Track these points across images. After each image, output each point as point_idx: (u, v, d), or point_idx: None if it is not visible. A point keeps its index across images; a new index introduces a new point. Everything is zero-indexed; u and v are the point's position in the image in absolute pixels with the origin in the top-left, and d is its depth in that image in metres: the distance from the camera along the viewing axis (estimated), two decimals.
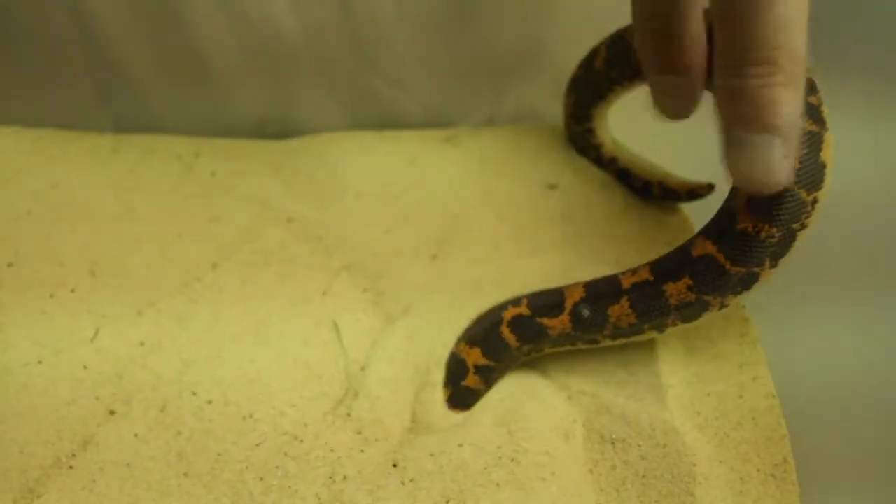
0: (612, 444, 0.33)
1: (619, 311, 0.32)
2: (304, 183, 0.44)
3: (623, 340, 0.34)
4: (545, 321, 0.34)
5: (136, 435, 0.33)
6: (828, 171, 0.28)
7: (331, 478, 0.31)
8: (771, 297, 0.33)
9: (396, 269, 0.41)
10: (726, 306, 0.31)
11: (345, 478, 0.31)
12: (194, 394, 0.35)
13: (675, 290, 0.31)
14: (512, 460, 0.31)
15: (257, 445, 0.32)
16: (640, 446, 0.33)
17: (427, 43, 0.45)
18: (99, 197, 0.43)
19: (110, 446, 0.33)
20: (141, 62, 0.44)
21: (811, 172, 0.28)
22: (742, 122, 0.25)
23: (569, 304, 0.33)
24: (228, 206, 0.43)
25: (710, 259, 0.30)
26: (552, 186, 0.43)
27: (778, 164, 0.26)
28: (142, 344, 0.37)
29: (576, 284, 0.34)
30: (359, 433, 0.33)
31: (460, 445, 0.32)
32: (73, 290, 0.39)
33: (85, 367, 0.36)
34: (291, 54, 0.44)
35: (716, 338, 0.36)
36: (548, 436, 0.33)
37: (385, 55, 0.45)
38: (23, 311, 0.37)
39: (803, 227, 0.29)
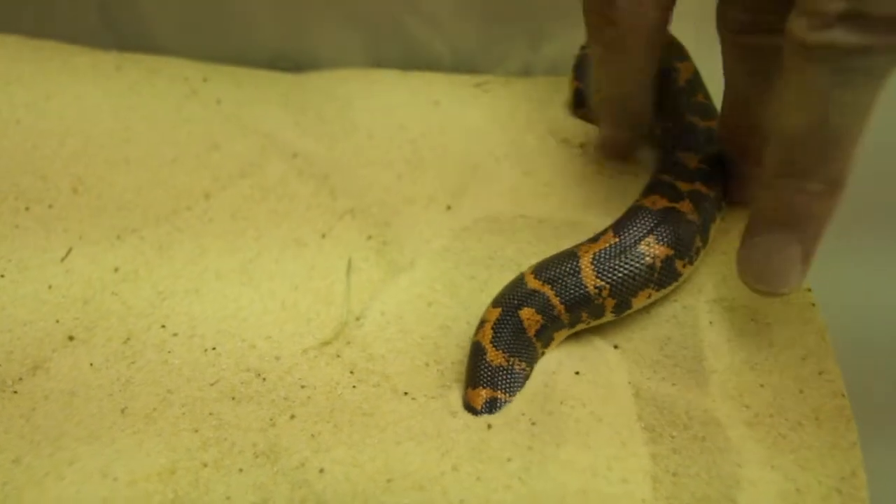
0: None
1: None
2: (313, 118, 0.40)
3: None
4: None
5: (91, 364, 0.30)
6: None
7: (271, 421, 0.27)
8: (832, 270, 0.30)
9: (406, 218, 0.37)
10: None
11: (292, 417, 0.27)
12: (163, 327, 0.31)
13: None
14: (529, 448, 0.27)
15: (211, 385, 0.28)
16: (672, 438, 0.28)
17: None
18: (94, 113, 0.39)
19: (62, 374, 0.30)
20: None
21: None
22: (776, 225, 0.28)
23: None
24: (231, 135, 0.39)
25: (699, 191, 0.33)
26: (583, 145, 0.39)
27: (796, 269, 0.28)
28: (116, 270, 0.34)
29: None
30: (351, 373, 0.30)
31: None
32: (50, 206, 0.36)
33: (50, 288, 0.33)
34: None
35: (773, 323, 0.31)
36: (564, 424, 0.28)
37: None
38: None
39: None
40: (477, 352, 0.29)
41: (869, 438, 0.27)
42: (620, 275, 0.30)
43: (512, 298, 0.30)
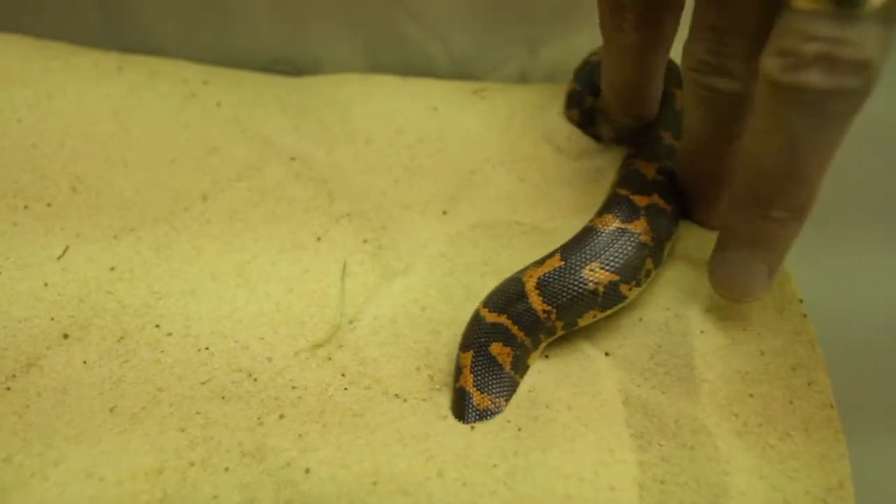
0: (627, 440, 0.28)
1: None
2: (312, 122, 0.41)
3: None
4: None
5: (84, 362, 0.30)
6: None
7: (258, 420, 0.27)
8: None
9: (402, 223, 0.37)
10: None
11: (281, 417, 0.27)
12: (158, 326, 0.32)
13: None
14: (515, 453, 0.27)
15: (202, 384, 0.29)
16: (661, 446, 0.28)
17: None
18: (95, 113, 0.40)
19: (56, 371, 0.30)
20: None
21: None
22: (744, 245, 0.29)
23: None
24: (229, 138, 0.40)
25: (656, 205, 0.33)
26: (579, 153, 0.39)
27: (762, 282, 0.30)
28: (112, 269, 0.34)
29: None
30: (343, 375, 0.30)
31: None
32: (49, 205, 0.36)
33: (46, 285, 0.33)
34: None
35: (764, 333, 0.31)
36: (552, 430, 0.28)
37: None
38: None
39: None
40: (463, 397, 0.30)
41: (857, 449, 0.27)
42: (564, 300, 0.30)
43: (478, 337, 0.30)
